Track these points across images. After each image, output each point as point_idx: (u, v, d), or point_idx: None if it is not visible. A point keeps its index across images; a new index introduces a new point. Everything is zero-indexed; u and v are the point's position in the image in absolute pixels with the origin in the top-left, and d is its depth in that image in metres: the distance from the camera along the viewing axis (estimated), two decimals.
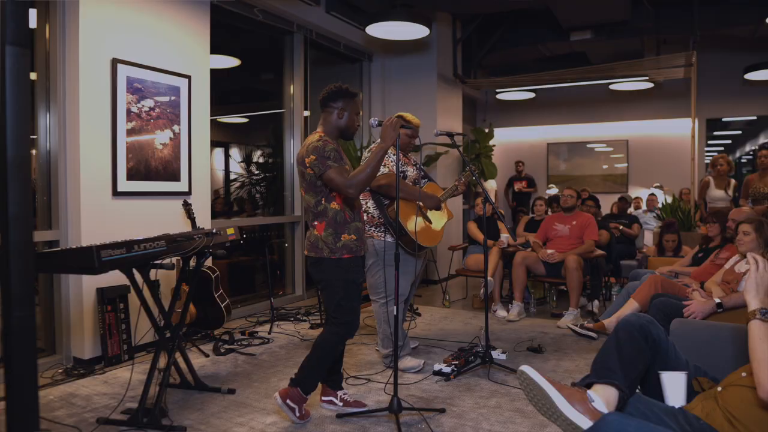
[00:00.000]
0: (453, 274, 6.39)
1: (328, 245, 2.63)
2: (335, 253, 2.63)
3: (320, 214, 2.64)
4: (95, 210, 3.62)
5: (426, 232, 3.47)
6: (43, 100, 3.59)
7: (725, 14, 6.77)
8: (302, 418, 2.69)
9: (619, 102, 9.11)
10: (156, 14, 3.99)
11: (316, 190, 2.63)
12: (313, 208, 2.66)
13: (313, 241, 2.66)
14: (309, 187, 2.63)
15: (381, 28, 5.15)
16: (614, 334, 1.85)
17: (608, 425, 1.41)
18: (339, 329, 2.67)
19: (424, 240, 3.41)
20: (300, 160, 2.63)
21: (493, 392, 3.08)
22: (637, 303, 3.51)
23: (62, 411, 2.85)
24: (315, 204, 2.65)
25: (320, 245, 2.63)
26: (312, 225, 2.68)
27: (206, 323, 4.17)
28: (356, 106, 2.78)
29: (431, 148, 6.68)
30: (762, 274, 1.59)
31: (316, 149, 2.56)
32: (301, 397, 2.66)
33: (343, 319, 2.66)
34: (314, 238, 2.66)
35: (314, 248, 2.66)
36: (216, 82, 4.58)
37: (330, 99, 2.72)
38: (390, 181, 3.30)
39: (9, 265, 1.81)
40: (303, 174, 2.63)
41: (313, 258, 2.68)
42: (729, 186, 5.88)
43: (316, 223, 2.65)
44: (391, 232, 3.35)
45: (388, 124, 2.63)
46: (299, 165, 2.65)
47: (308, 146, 2.61)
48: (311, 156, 2.56)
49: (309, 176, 2.60)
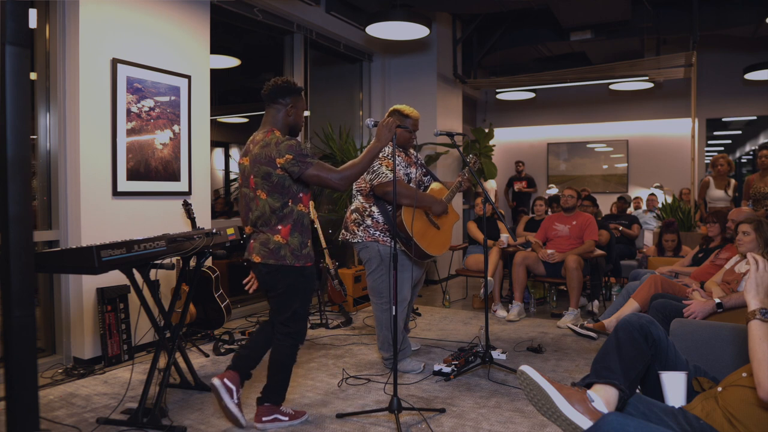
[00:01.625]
0: (453, 274, 6.39)
1: (293, 252, 2.51)
2: (300, 260, 2.52)
3: (285, 217, 2.51)
4: (95, 210, 3.62)
5: (435, 239, 3.35)
6: (43, 100, 3.59)
7: (725, 14, 6.77)
8: (294, 417, 2.68)
9: (619, 102, 9.11)
10: (156, 14, 3.99)
11: (283, 192, 2.49)
12: (277, 211, 2.49)
13: (273, 248, 2.49)
14: (274, 188, 2.48)
15: (381, 28, 5.16)
16: (614, 334, 1.85)
17: (608, 425, 1.41)
18: (294, 338, 2.61)
19: (433, 249, 3.30)
20: (265, 161, 2.46)
21: (493, 392, 3.08)
22: (637, 303, 3.51)
23: (62, 411, 2.85)
24: (281, 207, 2.49)
25: (283, 252, 2.49)
26: (272, 230, 2.51)
27: (206, 323, 4.17)
28: (304, 103, 2.69)
29: (431, 148, 6.69)
30: (762, 274, 1.59)
31: (291, 148, 2.43)
32: (274, 408, 2.64)
33: (297, 327, 2.61)
34: (275, 244, 2.49)
35: (274, 255, 2.49)
36: (216, 82, 4.58)
37: (278, 95, 2.57)
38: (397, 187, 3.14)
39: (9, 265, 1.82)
40: (268, 175, 2.46)
41: (271, 266, 2.50)
42: (729, 186, 5.89)
43: (280, 227, 2.50)
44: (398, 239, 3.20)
45: (384, 124, 2.60)
46: (263, 165, 2.46)
47: (275, 145, 2.46)
48: (286, 155, 2.42)
49: (278, 177, 2.46)
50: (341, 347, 4.04)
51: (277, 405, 2.66)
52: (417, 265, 3.49)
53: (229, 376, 2.57)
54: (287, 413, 2.67)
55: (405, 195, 3.19)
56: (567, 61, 8.46)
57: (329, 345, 4.10)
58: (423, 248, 3.22)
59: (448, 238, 3.49)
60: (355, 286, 5.27)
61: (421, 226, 3.28)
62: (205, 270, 4.12)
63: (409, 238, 3.17)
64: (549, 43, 7.73)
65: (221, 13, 4.71)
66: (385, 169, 3.21)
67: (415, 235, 3.20)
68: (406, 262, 3.36)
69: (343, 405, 2.91)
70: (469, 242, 5.62)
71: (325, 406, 2.89)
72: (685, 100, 8.14)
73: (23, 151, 1.86)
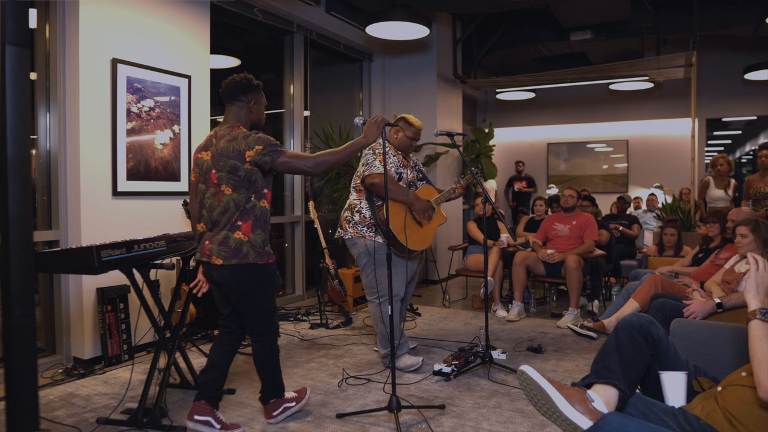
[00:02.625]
0: (453, 274, 6.39)
1: (255, 249, 2.44)
2: (262, 257, 2.46)
3: (247, 212, 2.43)
4: (95, 210, 3.62)
5: (415, 234, 3.43)
6: (43, 100, 3.59)
7: (725, 14, 6.77)
8: (299, 400, 2.75)
9: (619, 102, 9.11)
10: (156, 14, 3.99)
11: (249, 186, 2.43)
12: (241, 205, 2.42)
13: (235, 246, 2.40)
14: (241, 183, 2.41)
15: (381, 28, 5.16)
16: (614, 334, 1.85)
17: (608, 425, 1.41)
18: (269, 337, 2.60)
19: (413, 243, 3.38)
20: (233, 154, 2.40)
21: (493, 392, 3.08)
22: (637, 303, 3.51)
23: (62, 411, 2.85)
24: (244, 201, 2.43)
25: (245, 250, 2.41)
26: (232, 227, 2.43)
27: (206, 323, 4.17)
28: (264, 99, 2.64)
29: (431, 148, 6.68)
30: (762, 274, 1.59)
31: (261, 140, 2.40)
32: (280, 401, 2.70)
33: (269, 325, 2.59)
34: (235, 242, 2.41)
35: (236, 254, 2.40)
36: (216, 82, 4.57)
37: (240, 92, 2.53)
38: (382, 179, 3.25)
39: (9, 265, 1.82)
40: (234, 169, 2.40)
41: (234, 266, 2.41)
42: (729, 186, 5.89)
43: (240, 224, 2.42)
44: (380, 233, 3.36)
45: (373, 122, 2.56)
46: (230, 159, 2.40)
47: (243, 138, 2.41)
48: (257, 146, 2.38)
49: (245, 171, 2.40)
50: (341, 347, 4.04)
51: (281, 397, 2.71)
52: (410, 261, 3.54)
53: (198, 411, 2.50)
54: (292, 398, 2.74)
55: (390, 189, 3.28)
56: (567, 61, 8.46)
57: (329, 345, 4.10)
58: (401, 241, 3.32)
59: (429, 236, 3.56)
60: (355, 286, 5.27)
61: (402, 221, 3.37)
62: None
63: (388, 230, 3.26)
64: (549, 43, 7.73)
65: (221, 13, 4.71)
66: (379, 163, 3.34)
67: (395, 228, 3.30)
68: (396, 258, 3.42)
69: (343, 405, 2.91)
70: (469, 242, 5.62)
71: (325, 406, 2.89)
72: (685, 100, 8.14)
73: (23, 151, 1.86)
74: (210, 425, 2.49)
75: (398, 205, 3.38)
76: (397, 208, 3.36)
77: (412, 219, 3.44)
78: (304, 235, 5.81)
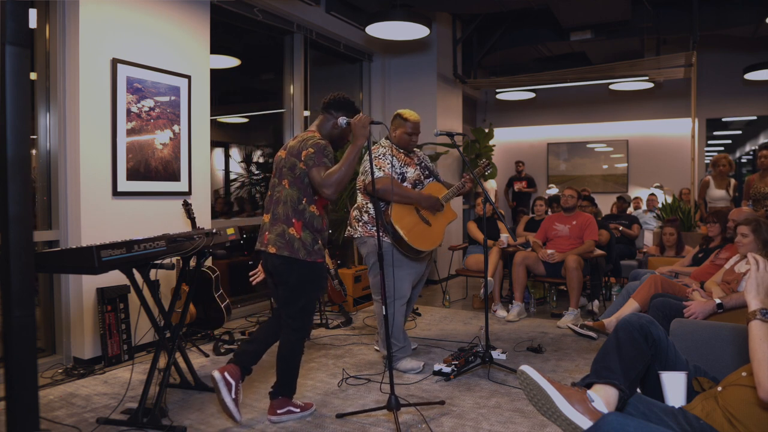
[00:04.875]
0: (453, 274, 6.39)
1: (306, 247, 2.57)
2: (312, 255, 2.58)
3: (300, 213, 2.58)
4: (95, 210, 3.62)
5: (423, 234, 3.38)
6: (43, 100, 3.59)
7: (725, 14, 6.77)
8: (305, 409, 2.76)
9: (619, 102, 9.11)
10: (156, 14, 3.99)
11: (302, 187, 2.58)
12: (294, 204, 2.58)
13: (288, 240, 2.56)
14: (296, 181, 2.58)
15: (381, 28, 5.16)
16: (614, 334, 1.85)
17: (608, 425, 1.41)
18: (301, 333, 2.67)
19: (421, 243, 3.33)
20: (294, 152, 2.58)
21: (493, 392, 3.08)
22: (637, 303, 3.51)
23: (62, 411, 2.85)
24: (297, 201, 2.58)
25: (296, 245, 2.55)
26: (287, 222, 2.58)
27: (206, 323, 4.17)
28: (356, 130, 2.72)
29: (431, 148, 6.68)
30: (762, 275, 1.59)
31: (318, 145, 2.53)
32: (287, 400, 2.72)
33: (303, 323, 2.66)
34: (289, 236, 2.56)
35: (288, 247, 2.55)
36: (216, 82, 4.58)
37: (335, 106, 2.73)
38: (383, 184, 3.26)
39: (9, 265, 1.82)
40: (293, 166, 2.57)
41: (285, 258, 2.56)
42: (729, 186, 5.88)
43: (294, 221, 2.57)
44: (388, 235, 3.33)
45: (357, 122, 2.56)
46: (292, 157, 2.59)
47: (306, 140, 2.57)
48: (310, 149, 2.52)
49: (300, 170, 2.56)
50: (341, 347, 4.04)
51: (289, 397, 2.72)
52: (419, 262, 3.49)
53: (230, 370, 2.61)
54: (299, 405, 2.75)
55: (394, 192, 3.29)
56: (567, 61, 8.46)
57: (329, 345, 4.10)
58: (409, 242, 3.29)
59: (438, 235, 3.50)
60: (355, 286, 5.27)
61: (410, 221, 3.35)
62: (205, 270, 4.12)
63: (395, 232, 3.28)
64: (549, 43, 7.73)
65: (221, 13, 4.71)
66: (375, 168, 3.33)
67: (402, 230, 3.28)
68: (402, 258, 3.40)
69: (343, 405, 2.91)
70: (469, 242, 5.62)
71: (325, 406, 2.89)
72: (685, 100, 8.14)
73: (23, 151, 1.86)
74: (230, 390, 2.57)
75: (406, 206, 3.36)
76: (404, 209, 3.35)
77: (420, 219, 3.40)
78: None
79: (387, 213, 3.31)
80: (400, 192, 3.33)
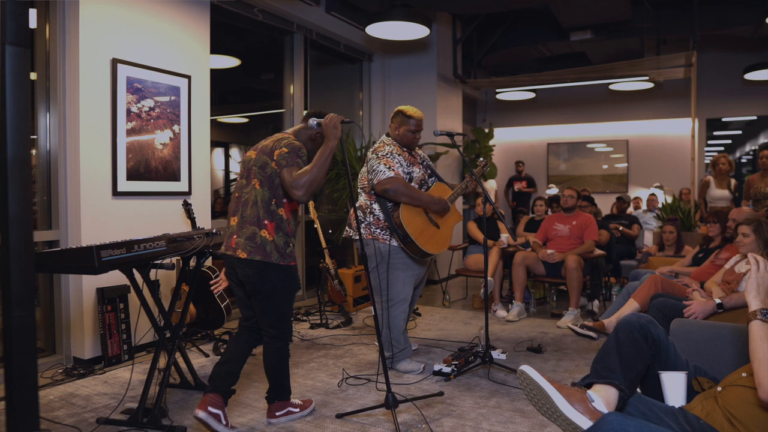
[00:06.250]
0: (453, 274, 6.39)
1: (279, 250, 2.47)
2: (285, 258, 2.48)
3: (271, 214, 2.48)
4: (95, 210, 3.62)
5: (433, 237, 3.35)
6: (43, 100, 3.59)
7: (725, 14, 6.77)
8: (304, 407, 2.76)
9: (619, 102, 9.11)
10: (156, 14, 3.99)
11: (273, 188, 2.48)
12: (266, 204, 2.48)
13: (260, 243, 2.44)
14: (266, 181, 2.48)
15: (381, 28, 5.16)
16: (614, 334, 1.85)
17: (608, 425, 1.41)
18: (285, 339, 2.60)
19: (431, 247, 3.30)
20: (267, 151, 2.49)
21: (493, 392, 3.08)
22: (637, 303, 3.51)
23: (62, 411, 2.85)
24: (268, 201, 2.48)
25: (269, 248, 2.44)
26: (258, 223, 2.46)
27: (206, 323, 4.17)
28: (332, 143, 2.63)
29: (431, 148, 6.68)
30: (763, 275, 1.59)
31: (292, 146, 2.46)
32: (285, 402, 2.70)
33: (285, 327, 2.58)
34: (261, 239, 2.44)
35: (260, 251, 2.43)
36: (216, 82, 4.58)
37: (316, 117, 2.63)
38: (395, 185, 3.18)
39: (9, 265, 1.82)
40: (265, 165, 2.48)
41: (258, 263, 2.43)
42: (729, 185, 5.88)
43: (267, 223, 2.46)
44: (396, 237, 3.28)
45: (328, 122, 2.48)
46: (264, 155, 2.50)
47: (281, 140, 2.50)
48: (284, 149, 2.45)
49: (271, 170, 2.47)
50: (341, 347, 4.04)
51: (287, 399, 2.71)
52: (419, 263, 3.47)
53: (212, 402, 2.49)
54: (297, 404, 2.75)
55: (405, 194, 3.21)
56: (567, 61, 8.46)
57: (329, 345, 4.10)
58: (420, 246, 3.24)
59: (447, 237, 3.47)
60: (355, 286, 5.27)
61: (420, 224, 3.29)
62: (205, 270, 4.12)
63: (406, 235, 3.19)
64: (549, 43, 7.73)
65: (221, 13, 4.71)
66: (384, 167, 3.23)
67: (413, 233, 3.21)
68: (407, 261, 3.36)
69: (343, 405, 2.91)
70: (469, 242, 5.62)
71: (325, 406, 2.89)
72: (685, 100, 8.14)
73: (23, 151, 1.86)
74: (219, 420, 2.48)
75: (414, 208, 3.30)
76: (414, 211, 3.28)
77: (429, 221, 3.36)
78: (304, 235, 5.81)
79: (396, 215, 3.24)
80: (412, 194, 3.23)
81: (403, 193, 3.20)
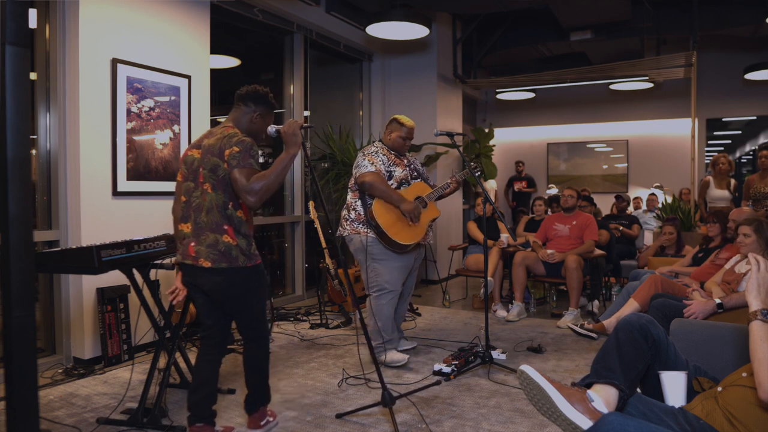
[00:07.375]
0: (453, 274, 6.39)
1: (244, 252, 2.34)
2: (252, 259, 2.37)
3: (228, 218, 2.33)
4: (95, 210, 3.62)
5: (404, 230, 3.50)
6: (43, 100, 3.59)
7: (725, 14, 6.77)
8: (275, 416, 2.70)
9: (619, 102, 9.11)
10: (156, 14, 3.99)
11: (227, 191, 2.32)
12: (221, 209, 2.32)
13: (224, 250, 2.30)
14: (219, 184, 2.31)
15: (381, 28, 5.16)
16: (614, 334, 1.85)
17: (608, 425, 1.41)
18: (264, 339, 2.53)
19: (401, 237, 3.46)
20: (215, 152, 2.30)
21: (493, 392, 3.08)
22: (637, 303, 3.51)
23: (62, 411, 2.85)
24: (223, 205, 2.32)
25: (235, 253, 2.31)
26: (218, 229, 2.32)
27: None
28: (272, 119, 2.58)
29: (431, 148, 6.68)
30: (763, 275, 1.59)
31: (243, 144, 2.29)
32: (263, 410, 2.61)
33: (262, 327, 2.50)
34: (225, 245, 2.30)
35: (226, 258, 2.30)
36: (216, 82, 4.58)
37: (252, 99, 2.49)
38: (373, 179, 3.43)
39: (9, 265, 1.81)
40: (215, 168, 2.30)
41: (225, 270, 2.30)
42: (729, 186, 5.88)
43: (227, 228, 2.32)
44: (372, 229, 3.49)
45: (287, 129, 2.39)
46: (213, 156, 2.31)
47: (230, 137, 2.32)
48: (234, 148, 2.27)
49: (223, 171, 2.29)
50: (341, 347, 4.04)
51: (266, 405, 2.63)
52: (406, 254, 3.58)
53: None
54: (271, 412, 2.69)
55: (378, 189, 3.44)
56: (567, 61, 8.46)
57: (329, 345, 4.10)
58: (391, 236, 3.43)
59: (420, 230, 3.60)
60: (354, 286, 5.27)
61: (392, 217, 3.48)
62: None
63: (378, 227, 3.43)
64: (549, 43, 7.73)
65: (221, 13, 4.71)
66: (368, 162, 3.49)
67: (383, 224, 3.42)
68: (387, 252, 3.52)
69: (343, 405, 2.91)
70: (469, 242, 5.62)
71: (325, 406, 2.89)
72: (685, 100, 8.13)
73: (23, 151, 1.86)
74: None
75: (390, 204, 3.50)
76: (387, 206, 3.49)
77: (402, 215, 3.52)
78: (304, 235, 5.81)
79: (371, 209, 3.45)
80: (384, 189, 3.45)
81: (377, 188, 3.44)
